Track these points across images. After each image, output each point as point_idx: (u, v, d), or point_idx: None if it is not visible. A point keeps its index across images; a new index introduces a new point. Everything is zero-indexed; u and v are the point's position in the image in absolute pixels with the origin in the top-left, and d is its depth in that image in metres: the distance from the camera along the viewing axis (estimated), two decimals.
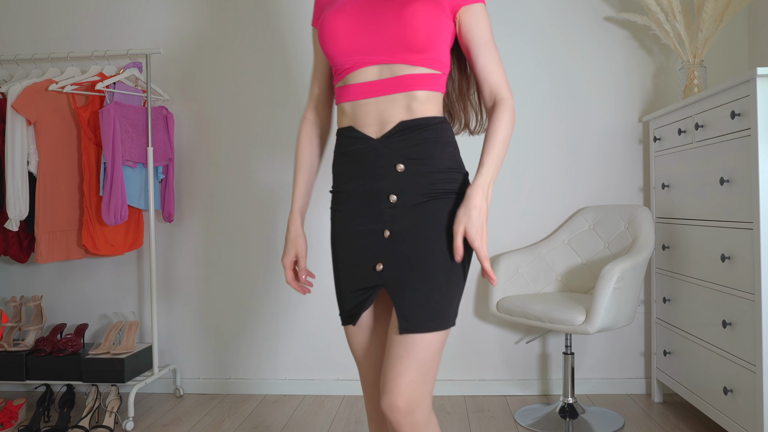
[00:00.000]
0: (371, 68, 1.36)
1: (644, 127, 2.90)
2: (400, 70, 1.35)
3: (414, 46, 1.33)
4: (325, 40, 1.38)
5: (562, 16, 2.90)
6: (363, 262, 1.38)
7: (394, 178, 1.34)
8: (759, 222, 1.87)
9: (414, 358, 1.28)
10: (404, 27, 1.32)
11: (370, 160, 1.36)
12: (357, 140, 1.38)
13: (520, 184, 2.92)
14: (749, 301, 1.94)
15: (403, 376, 1.28)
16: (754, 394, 1.92)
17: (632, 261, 2.39)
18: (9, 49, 3.10)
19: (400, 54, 1.34)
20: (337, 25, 1.36)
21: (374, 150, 1.36)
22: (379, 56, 1.35)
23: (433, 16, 1.33)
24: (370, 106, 1.36)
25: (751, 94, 1.89)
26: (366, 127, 1.37)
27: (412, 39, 1.32)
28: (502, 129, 1.34)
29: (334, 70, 1.42)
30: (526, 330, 2.94)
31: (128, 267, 3.06)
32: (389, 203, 1.35)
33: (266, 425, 2.58)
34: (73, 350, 2.72)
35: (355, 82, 1.37)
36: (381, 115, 1.36)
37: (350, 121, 1.39)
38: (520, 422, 2.55)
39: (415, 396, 1.28)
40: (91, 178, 2.73)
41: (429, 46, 1.34)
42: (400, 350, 1.29)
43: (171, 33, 3.03)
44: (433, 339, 1.30)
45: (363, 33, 1.35)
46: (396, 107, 1.35)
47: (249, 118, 3.01)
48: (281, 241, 3.00)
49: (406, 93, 1.35)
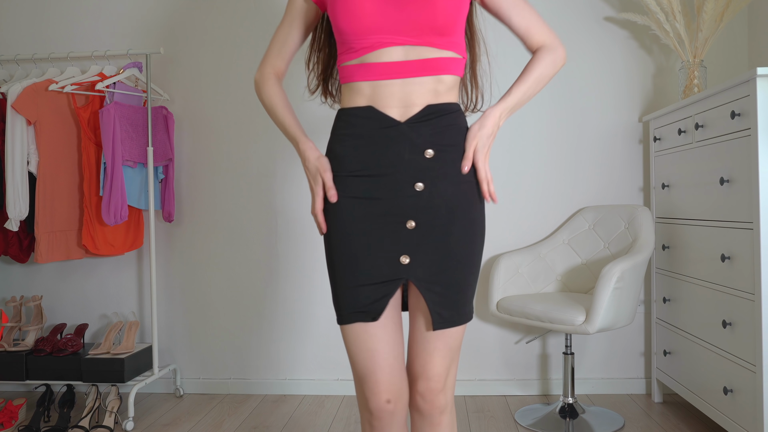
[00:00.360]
0: (396, 48, 1.29)
1: (644, 127, 2.89)
2: (427, 52, 1.30)
3: (441, 28, 1.29)
4: (343, 16, 1.30)
5: (562, 16, 2.90)
6: (383, 253, 1.30)
7: (422, 164, 1.29)
8: (759, 222, 1.87)
9: (448, 348, 1.35)
10: (433, 8, 1.28)
11: (392, 143, 1.29)
12: (376, 121, 1.30)
13: (520, 184, 2.92)
14: (749, 301, 1.94)
15: (440, 366, 1.35)
16: (754, 394, 1.92)
17: (632, 261, 2.39)
18: (9, 49, 3.10)
19: (427, 36, 1.29)
20: (359, 1, 1.29)
21: (400, 133, 1.29)
22: (404, 37, 1.29)
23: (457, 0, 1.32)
24: (396, 87, 1.30)
25: (751, 94, 1.89)
26: (389, 108, 1.30)
27: (439, 21, 1.29)
28: (538, 67, 1.40)
29: (345, 47, 1.34)
30: (526, 330, 2.94)
31: (128, 267, 3.06)
32: (413, 191, 1.29)
33: (266, 425, 2.58)
34: (73, 350, 2.72)
35: (378, 61, 1.29)
36: (407, 97, 1.30)
37: (369, 101, 1.32)
38: (520, 422, 2.55)
39: (449, 383, 1.38)
40: (91, 178, 2.73)
41: (454, 29, 1.32)
42: (436, 344, 1.35)
43: (171, 33, 3.03)
44: (460, 330, 1.36)
45: (388, 12, 1.28)
46: (423, 90, 1.30)
47: (249, 118, 3.01)
48: (281, 241, 3.00)
49: (433, 77, 1.31)
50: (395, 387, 1.34)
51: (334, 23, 1.33)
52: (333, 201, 1.32)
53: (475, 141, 1.31)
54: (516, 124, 2.92)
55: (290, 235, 2.99)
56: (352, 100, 1.34)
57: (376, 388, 1.34)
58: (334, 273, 1.35)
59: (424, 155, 1.29)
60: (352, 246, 1.31)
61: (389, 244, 1.30)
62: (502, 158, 2.92)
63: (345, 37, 1.32)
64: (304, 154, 1.37)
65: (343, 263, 1.33)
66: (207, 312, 3.04)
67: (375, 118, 1.31)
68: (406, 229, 1.30)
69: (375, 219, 1.31)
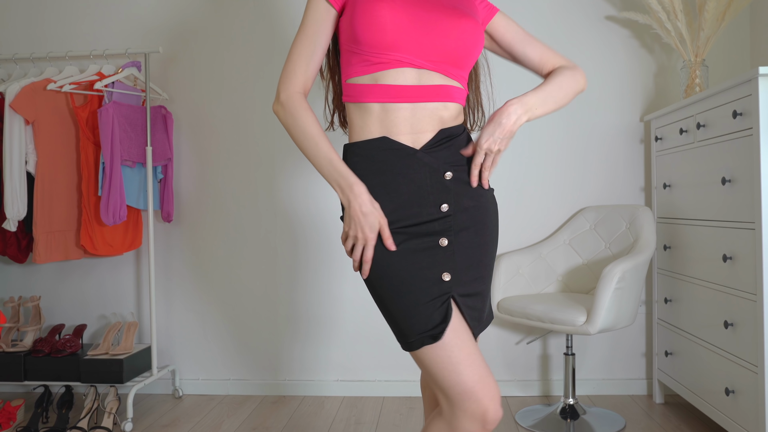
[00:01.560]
0: (411, 70, 1.28)
1: (645, 126, 2.88)
2: (438, 79, 1.31)
3: (461, 60, 1.32)
4: (364, 25, 1.26)
5: (563, 15, 2.89)
6: (426, 274, 1.27)
7: (443, 186, 1.30)
8: (761, 222, 1.86)
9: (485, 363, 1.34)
10: (457, 40, 1.30)
11: (413, 171, 1.28)
12: (395, 152, 1.28)
13: (521, 184, 2.91)
14: (751, 302, 1.93)
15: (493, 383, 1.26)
16: (755, 395, 1.91)
17: (633, 261, 2.38)
18: (7, 49, 3.09)
19: (445, 65, 1.30)
20: (386, 13, 1.25)
21: (418, 161, 1.28)
22: (423, 60, 1.28)
23: (479, 36, 1.34)
24: (406, 111, 1.29)
25: (753, 94, 1.88)
26: (400, 135, 1.29)
27: (462, 56, 1.31)
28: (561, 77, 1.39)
29: (358, 58, 1.30)
30: (526, 330, 2.93)
31: (127, 267, 3.05)
32: (440, 212, 1.29)
33: (266, 426, 2.57)
34: (72, 351, 2.71)
35: (390, 82, 1.28)
36: (417, 123, 1.29)
37: (382, 129, 1.29)
38: (520, 423, 2.54)
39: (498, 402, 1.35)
40: (90, 177, 2.72)
41: (469, 64, 1.35)
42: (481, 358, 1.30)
43: (170, 32, 3.02)
44: None
45: (413, 31, 1.27)
46: (432, 116, 1.30)
47: (248, 118, 3.00)
48: (280, 241, 2.98)
49: (441, 103, 1.31)
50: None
51: (352, 31, 1.29)
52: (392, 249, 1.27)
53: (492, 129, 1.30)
54: None
55: (290, 235, 2.98)
56: (365, 126, 1.31)
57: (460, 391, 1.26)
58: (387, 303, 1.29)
59: (444, 178, 1.30)
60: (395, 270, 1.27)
61: (428, 263, 1.28)
62: (503, 158, 2.91)
63: (362, 47, 1.28)
64: (360, 198, 1.25)
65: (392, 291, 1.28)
66: (206, 312, 3.03)
67: (391, 149, 1.29)
68: (440, 248, 1.29)
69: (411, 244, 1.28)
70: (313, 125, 1.29)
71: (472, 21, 1.32)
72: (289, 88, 1.32)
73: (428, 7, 1.29)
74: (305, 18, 1.36)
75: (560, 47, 2.88)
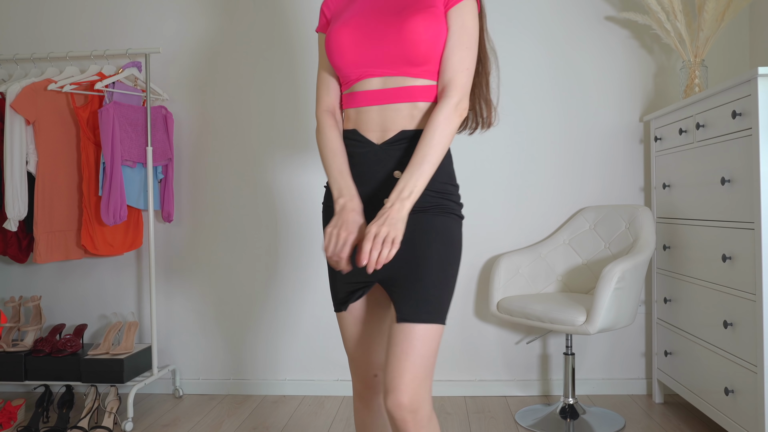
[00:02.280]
0: (375, 79, 1.41)
1: (645, 126, 2.89)
2: (401, 81, 1.40)
3: (414, 60, 1.37)
4: (332, 53, 1.42)
5: (562, 16, 2.89)
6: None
7: (390, 183, 1.39)
8: (760, 222, 1.87)
9: (416, 353, 1.31)
10: (404, 43, 1.36)
11: (370, 164, 1.41)
12: (359, 143, 1.43)
13: (521, 184, 2.92)
14: (750, 302, 1.93)
15: (407, 373, 1.30)
16: (755, 395, 1.91)
17: (633, 261, 2.38)
18: (8, 49, 3.09)
19: (401, 67, 1.38)
20: (342, 38, 1.41)
21: (375, 155, 1.41)
22: (381, 69, 1.39)
23: (432, 29, 1.36)
24: (374, 113, 1.41)
25: (752, 94, 1.88)
26: (368, 132, 1.42)
27: (411, 54, 1.37)
28: (432, 131, 1.34)
29: (342, 79, 1.47)
30: (526, 330, 2.93)
31: (127, 267, 3.06)
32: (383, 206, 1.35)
33: (266, 426, 2.57)
34: (72, 351, 2.72)
35: (360, 90, 1.42)
36: (384, 122, 1.40)
37: (354, 125, 1.44)
38: (520, 423, 2.54)
39: (419, 393, 1.31)
40: (90, 177, 2.72)
41: (429, 59, 1.38)
42: (403, 347, 1.32)
43: (170, 32, 3.03)
44: (430, 333, 1.33)
45: (366, 47, 1.39)
46: (399, 116, 1.40)
47: (249, 118, 3.00)
48: (280, 241, 2.99)
49: (408, 103, 1.39)
50: None
51: (329, 59, 1.45)
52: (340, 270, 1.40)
53: (373, 228, 1.28)
54: (517, 124, 2.91)
55: (290, 235, 2.99)
56: (345, 124, 1.48)
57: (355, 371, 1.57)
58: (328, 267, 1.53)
59: (393, 175, 1.39)
60: None
61: None
62: (503, 158, 2.92)
63: (338, 71, 1.45)
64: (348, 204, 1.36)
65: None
66: (206, 312, 3.03)
67: (357, 140, 1.43)
68: None
69: None
70: (334, 140, 1.44)
71: (417, 17, 1.35)
72: (319, 109, 1.51)
73: (377, 18, 1.39)
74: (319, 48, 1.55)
75: (560, 47, 2.89)
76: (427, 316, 1.33)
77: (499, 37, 2.91)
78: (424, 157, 1.33)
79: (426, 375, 1.33)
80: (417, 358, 1.31)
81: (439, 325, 1.34)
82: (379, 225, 1.28)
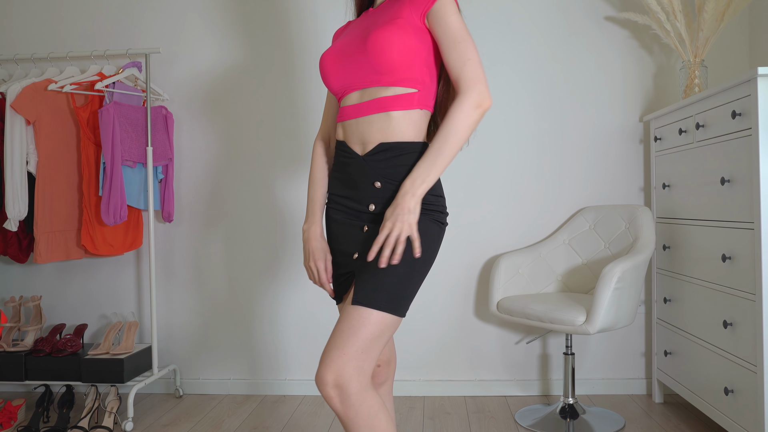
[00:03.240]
0: (354, 93, 1.50)
1: (645, 126, 2.89)
2: (375, 92, 1.46)
3: (380, 68, 1.43)
4: (321, 74, 1.56)
5: (562, 16, 2.90)
6: (345, 251, 1.54)
7: (373, 192, 1.47)
8: (760, 222, 1.87)
9: (355, 334, 1.33)
10: (368, 54, 1.43)
11: (356, 173, 1.49)
12: (347, 155, 1.52)
13: (521, 183, 2.92)
14: (750, 302, 1.94)
15: (336, 349, 1.33)
16: (755, 395, 1.91)
17: (633, 261, 2.38)
18: (8, 49, 3.09)
19: (372, 77, 1.45)
20: (326, 60, 1.54)
21: (359, 165, 1.48)
22: (357, 82, 1.48)
23: (394, 37, 1.40)
24: (353, 126, 1.50)
25: (752, 94, 1.89)
26: (353, 144, 1.51)
27: (375, 62, 1.43)
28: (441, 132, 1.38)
29: (335, 96, 1.59)
30: (526, 330, 2.93)
31: (127, 267, 3.06)
32: (368, 211, 1.48)
33: (266, 426, 2.57)
34: (73, 350, 2.72)
35: (345, 105, 1.52)
36: (362, 134, 1.48)
37: (343, 137, 1.54)
38: (520, 423, 2.54)
39: (345, 371, 1.31)
40: (91, 177, 2.72)
41: (396, 67, 1.42)
42: (341, 326, 1.36)
43: (170, 32, 3.03)
44: (379, 319, 1.35)
45: (342, 65, 1.50)
46: (373, 128, 1.46)
47: (248, 118, 3.00)
48: (281, 241, 2.99)
49: (382, 114, 1.45)
50: None
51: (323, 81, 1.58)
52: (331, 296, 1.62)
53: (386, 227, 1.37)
54: (516, 124, 2.91)
55: (290, 235, 2.99)
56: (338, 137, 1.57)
57: None
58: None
59: (374, 185, 1.46)
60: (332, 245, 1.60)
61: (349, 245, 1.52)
62: (503, 158, 2.92)
63: (329, 89, 1.58)
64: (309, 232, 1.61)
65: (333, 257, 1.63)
66: (206, 312, 3.03)
67: (344, 151, 1.53)
68: (361, 233, 1.49)
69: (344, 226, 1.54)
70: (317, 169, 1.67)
71: (383, 29, 1.41)
72: (317, 135, 1.72)
73: (352, 38, 1.50)
74: None
75: (560, 47, 2.89)
76: (382, 305, 1.35)
77: (499, 37, 2.91)
78: (439, 149, 1.37)
79: (357, 355, 1.32)
80: (351, 337, 1.33)
81: (388, 314, 1.36)
82: (392, 223, 1.35)
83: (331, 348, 1.34)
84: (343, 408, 1.32)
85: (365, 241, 1.49)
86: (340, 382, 1.31)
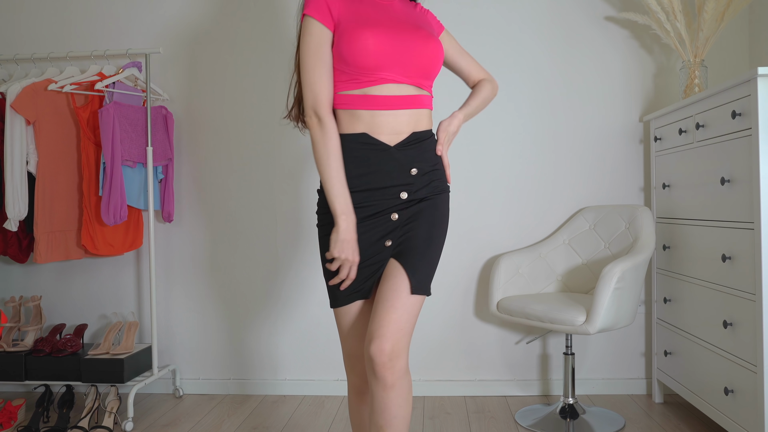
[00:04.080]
0: (392, 85, 1.54)
1: (645, 126, 2.89)
2: (413, 90, 1.58)
3: (431, 75, 1.61)
4: (352, 51, 1.51)
5: (562, 16, 2.90)
6: (373, 241, 1.57)
7: (407, 179, 1.57)
8: (760, 222, 1.87)
9: (405, 310, 1.49)
10: (429, 59, 1.58)
11: (386, 164, 1.55)
12: (371, 146, 1.55)
13: (521, 183, 2.92)
14: (750, 302, 1.94)
15: (393, 323, 1.47)
16: (755, 395, 1.91)
17: (633, 261, 2.38)
18: (8, 49, 3.09)
19: (419, 79, 1.58)
20: (370, 41, 1.51)
21: (390, 156, 1.55)
22: (402, 77, 1.55)
23: (442, 51, 1.63)
24: (389, 117, 1.54)
25: (752, 94, 1.89)
26: (381, 135, 1.55)
27: (431, 70, 1.59)
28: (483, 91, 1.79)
29: (347, 77, 1.55)
30: (526, 330, 2.93)
31: (127, 267, 3.06)
32: (400, 199, 1.57)
33: (266, 426, 2.57)
34: (73, 350, 2.72)
35: (378, 93, 1.54)
36: (397, 125, 1.56)
37: (366, 128, 1.55)
38: (520, 423, 2.54)
39: (400, 343, 1.47)
40: (91, 177, 2.72)
41: (435, 75, 1.64)
42: (393, 302, 1.49)
43: (171, 33, 3.03)
44: (419, 301, 1.53)
45: (395, 54, 1.53)
46: (408, 120, 1.57)
47: (248, 118, 3.00)
48: (281, 241, 2.99)
49: (417, 110, 1.59)
50: None
51: (341, 56, 1.53)
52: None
53: (445, 134, 1.65)
54: (516, 124, 2.91)
55: (290, 235, 2.99)
56: (351, 126, 1.56)
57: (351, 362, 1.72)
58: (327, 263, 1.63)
59: (409, 173, 1.58)
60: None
61: (377, 233, 1.57)
62: (503, 158, 2.92)
63: (351, 68, 1.53)
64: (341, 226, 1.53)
65: None
66: (206, 312, 3.03)
67: (370, 143, 1.55)
68: (391, 221, 1.57)
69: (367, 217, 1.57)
70: (338, 148, 1.54)
71: (435, 39, 1.61)
72: (320, 106, 1.55)
73: (401, 29, 1.56)
74: (307, 41, 1.55)
75: (560, 47, 2.89)
76: (425, 289, 1.54)
77: (499, 37, 2.91)
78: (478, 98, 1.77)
79: (408, 331, 1.49)
80: (404, 314, 1.49)
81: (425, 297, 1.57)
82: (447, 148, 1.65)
83: (389, 322, 1.46)
84: (392, 379, 1.45)
85: (396, 230, 1.57)
86: (396, 354, 1.46)
